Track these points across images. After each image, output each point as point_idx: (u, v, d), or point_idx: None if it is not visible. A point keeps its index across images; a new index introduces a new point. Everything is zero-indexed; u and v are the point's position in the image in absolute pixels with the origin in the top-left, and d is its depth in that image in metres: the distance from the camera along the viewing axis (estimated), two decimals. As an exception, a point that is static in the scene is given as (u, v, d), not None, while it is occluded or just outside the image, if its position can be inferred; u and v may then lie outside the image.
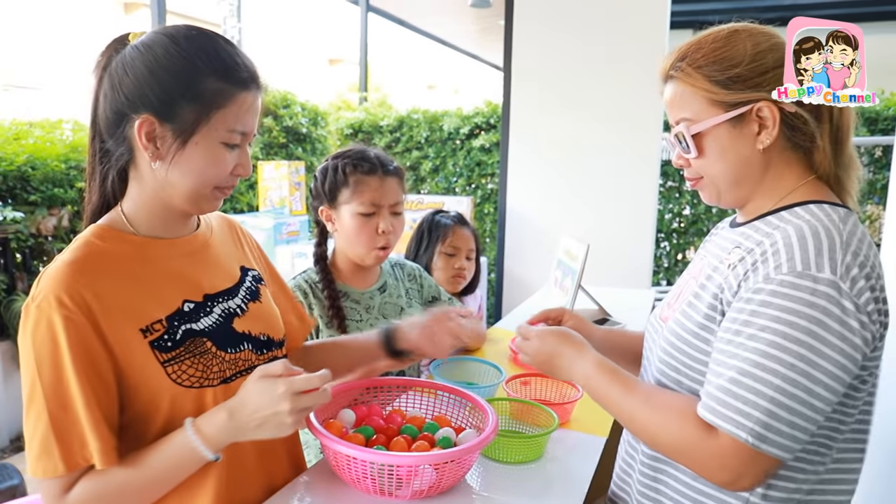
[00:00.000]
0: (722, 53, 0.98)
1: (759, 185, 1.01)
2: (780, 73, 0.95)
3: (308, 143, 5.63)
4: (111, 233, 1.00)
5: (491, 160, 5.13)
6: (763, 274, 0.90)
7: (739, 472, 0.88)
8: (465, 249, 2.29)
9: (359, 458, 1.04)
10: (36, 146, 3.80)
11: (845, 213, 0.95)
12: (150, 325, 0.96)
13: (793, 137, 0.99)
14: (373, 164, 1.58)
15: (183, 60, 0.94)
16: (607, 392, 1.03)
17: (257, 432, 0.94)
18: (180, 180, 0.97)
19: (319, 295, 1.62)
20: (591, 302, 2.40)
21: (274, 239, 3.97)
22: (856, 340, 0.86)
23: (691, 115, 1.01)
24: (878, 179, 4.30)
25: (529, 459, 1.27)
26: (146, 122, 0.94)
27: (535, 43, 3.94)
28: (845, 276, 0.86)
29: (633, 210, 3.79)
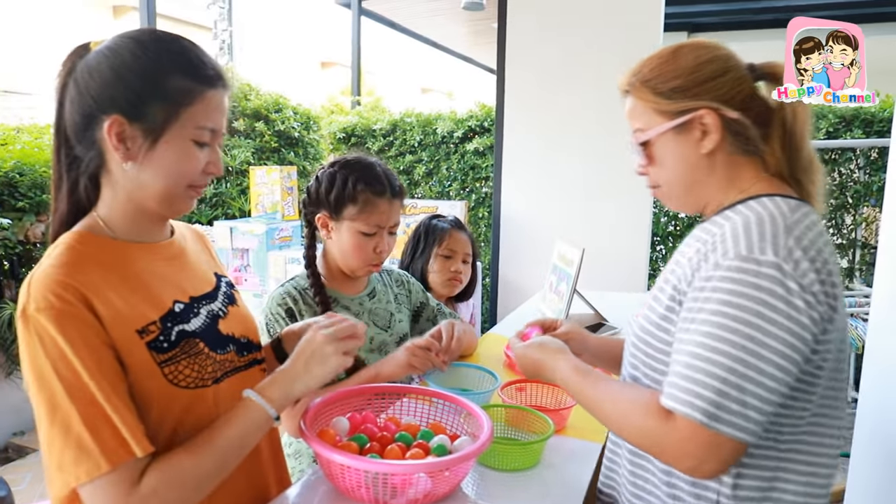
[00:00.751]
0: (665, 67, 1.07)
1: (710, 186, 1.08)
2: (720, 82, 1.04)
3: (300, 147, 5.60)
4: (91, 237, 0.99)
5: (485, 164, 5.11)
6: (713, 262, 0.96)
7: (701, 457, 0.90)
8: (461, 253, 2.28)
9: (353, 467, 1.03)
10: (24, 152, 3.76)
11: (796, 204, 1.00)
12: (145, 327, 0.96)
13: (738, 142, 1.05)
14: (383, 184, 1.56)
15: (149, 60, 0.95)
16: (582, 392, 1.09)
17: (307, 374, 1.03)
18: (153, 180, 0.98)
19: (310, 301, 1.59)
20: (586, 307, 2.38)
21: (266, 244, 3.94)
22: (802, 319, 0.90)
23: (642, 126, 1.09)
24: (874, 181, 4.30)
25: (526, 466, 1.25)
26: (116, 123, 0.94)
27: (528, 45, 3.93)
28: (788, 259, 0.91)
29: (628, 214, 3.78)
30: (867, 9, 5.72)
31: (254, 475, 1.13)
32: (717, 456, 0.90)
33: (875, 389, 1.98)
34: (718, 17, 7.18)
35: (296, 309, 1.56)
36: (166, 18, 11.79)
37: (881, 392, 1.94)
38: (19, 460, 3.51)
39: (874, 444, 1.94)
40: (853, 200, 4.42)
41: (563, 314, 2.21)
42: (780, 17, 6.65)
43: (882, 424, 1.91)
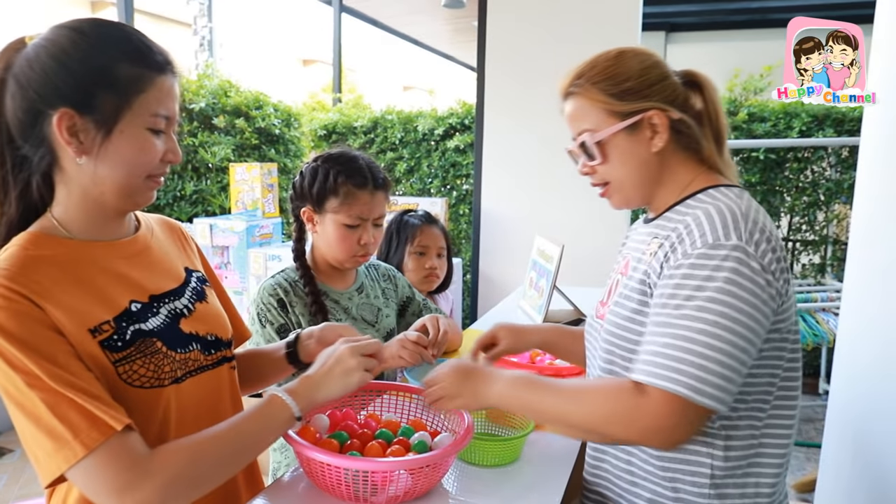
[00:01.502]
0: (614, 70, 1.13)
1: (659, 182, 1.15)
2: (665, 85, 1.12)
3: (281, 144, 5.57)
4: (43, 238, 0.95)
5: (466, 161, 5.13)
6: (682, 251, 1.02)
7: (672, 426, 0.96)
8: (435, 248, 2.28)
9: (332, 465, 1.03)
10: None
11: (739, 191, 1.09)
12: (98, 326, 0.93)
13: (680, 140, 1.13)
14: (364, 176, 1.58)
15: (93, 49, 0.91)
16: (529, 399, 1.07)
17: (331, 384, 1.05)
18: (110, 173, 0.94)
19: (300, 293, 1.61)
20: (565, 302, 2.41)
21: (246, 241, 3.93)
22: (764, 295, 0.97)
23: (592, 126, 1.14)
24: (845, 179, 4.38)
25: (506, 462, 1.27)
26: (65, 116, 0.90)
27: (508, 44, 3.95)
28: (749, 241, 0.98)
29: (607, 211, 3.79)
30: (840, 11, 5.83)
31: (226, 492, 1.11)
32: (689, 424, 0.96)
33: (846, 381, 2.03)
34: (695, 18, 7.25)
35: (287, 300, 1.58)
36: (144, 14, 11.65)
37: (851, 384, 1.98)
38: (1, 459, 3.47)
39: (845, 434, 1.99)
40: (825, 198, 4.50)
41: (543, 310, 2.24)
42: (755, 17, 6.74)
43: (852, 415, 1.96)
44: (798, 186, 4.53)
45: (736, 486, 1.07)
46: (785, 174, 4.52)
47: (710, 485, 1.06)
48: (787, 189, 4.56)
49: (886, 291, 1.78)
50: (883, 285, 1.80)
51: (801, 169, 4.49)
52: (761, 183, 4.50)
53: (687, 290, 0.99)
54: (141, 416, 0.95)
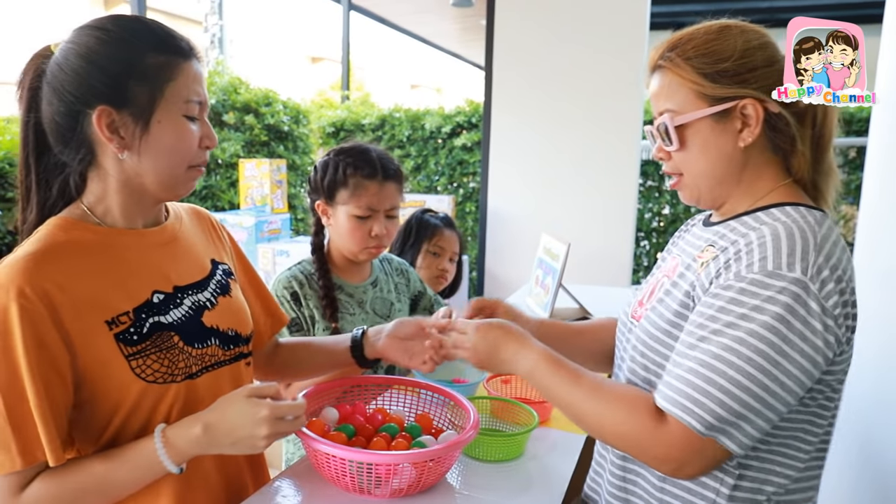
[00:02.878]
0: (712, 46, 0.98)
1: (738, 184, 1.01)
2: (768, 72, 0.96)
3: (290, 141, 5.60)
4: (74, 223, 0.96)
5: (473, 159, 5.14)
6: (735, 272, 0.91)
7: (684, 461, 0.89)
8: (449, 251, 2.31)
9: (337, 456, 1.04)
10: (14, 143, 3.75)
11: (821, 216, 0.95)
12: (115, 318, 0.94)
13: (774, 138, 0.99)
14: (373, 167, 1.58)
15: (119, 43, 0.92)
16: (553, 383, 1.02)
17: (230, 449, 0.96)
18: (153, 164, 0.96)
19: (315, 286, 1.62)
20: (571, 300, 2.42)
21: (255, 237, 3.95)
22: (818, 342, 0.86)
23: (676, 107, 1.00)
24: (852, 180, 4.37)
25: (510, 458, 1.28)
26: (104, 113, 0.91)
27: (515, 42, 3.96)
28: (815, 278, 0.86)
29: (613, 209, 3.83)
30: (848, 10, 5.81)
31: (230, 472, 1.12)
32: (702, 461, 0.89)
33: (850, 383, 2.03)
34: (704, 17, 7.24)
35: (301, 293, 1.59)
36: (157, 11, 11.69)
37: (855, 386, 1.99)
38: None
39: (848, 436, 1.99)
40: (833, 199, 4.48)
41: (549, 308, 2.25)
42: (763, 17, 6.71)
43: (856, 416, 1.96)
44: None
45: None
46: (792, 175, 4.51)
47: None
48: (794, 189, 4.55)
49: (892, 292, 1.78)
50: (889, 286, 1.80)
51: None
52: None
53: (730, 316, 0.88)
54: (144, 411, 0.96)
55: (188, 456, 0.95)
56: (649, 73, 1.06)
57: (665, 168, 1.07)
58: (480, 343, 1.11)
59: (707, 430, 0.87)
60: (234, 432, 0.94)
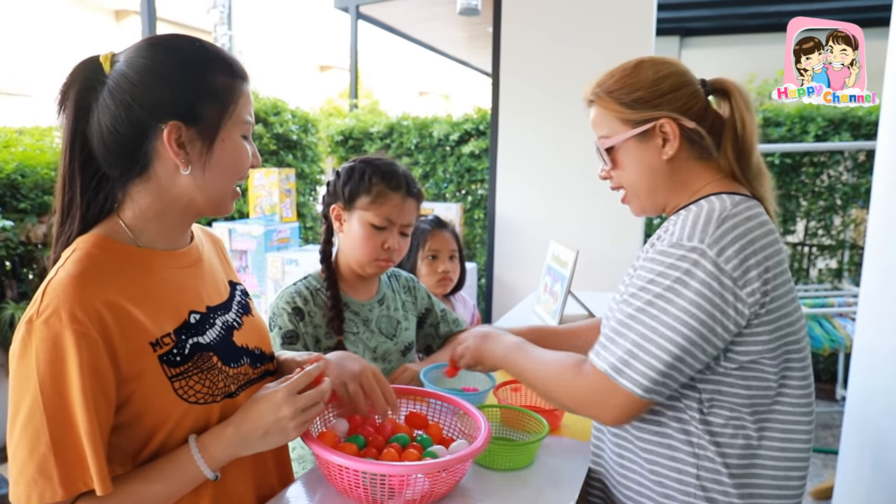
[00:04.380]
0: (628, 80, 1.17)
1: (671, 189, 1.18)
2: (677, 95, 1.14)
3: (299, 150, 5.63)
4: (111, 243, 0.96)
5: (481, 166, 5.15)
6: (651, 250, 1.09)
7: (601, 402, 1.06)
8: (446, 251, 2.30)
9: (350, 468, 1.04)
10: (26, 154, 3.79)
11: (741, 199, 1.09)
12: (159, 339, 0.94)
13: (694, 149, 1.16)
14: (399, 181, 1.57)
15: (191, 63, 0.96)
16: (516, 363, 1.24)
17: (263, 441, 0.98)
18: (213, 180, 0.98)
19: (321, 302, 1.59)
20: (580, 307, 2.42)
21: (264, 246, 3.97)
22: (718, 300, 1.00)
23: (607, 133, 1.20)
24: (861, 184, 4.35)
25: (521, 466, 1.28)
26: (174, 129, 0.93)
27: (522, 50, 3.98)
28: (713, 245, 1.01)
29: (621, 215, 3.80)
30: (856, 14, 5.79)
31: (258, 478, 1.12)
32: (617, 405, 1.05)
33: (862, 387, 2.02)
34: (710, 22, 7.23)
35: (305, 309, 1.56)
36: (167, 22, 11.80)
37: (868, 389, 1.98)
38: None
39: (862, 440, 1.98)
40: (842, 202, 4.46)
41: (558, 315, 2.25)
42: (770, 21, 6.71)
43: (869, 421, 1.95)
44: (814, 191, 4.51)
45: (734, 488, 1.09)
46: (801, 178, 4.50)
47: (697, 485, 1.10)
48: (802, 193, 4.53)
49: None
50: (899, 290, 1.79)
51: (817, 173, 4.47)
52: (777, 187, 4.47)
53: (641, 282, 1.06)
54: (184, 431, 0.97)
55: (223, 460, 0.97)
56: (586, 106, 1.26)
57: (611, 185, 1.26)
58: (472, 339, 1.36)
59: (613, 373, 1.04)
60: (260, 421, 0.97)
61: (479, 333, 1.36)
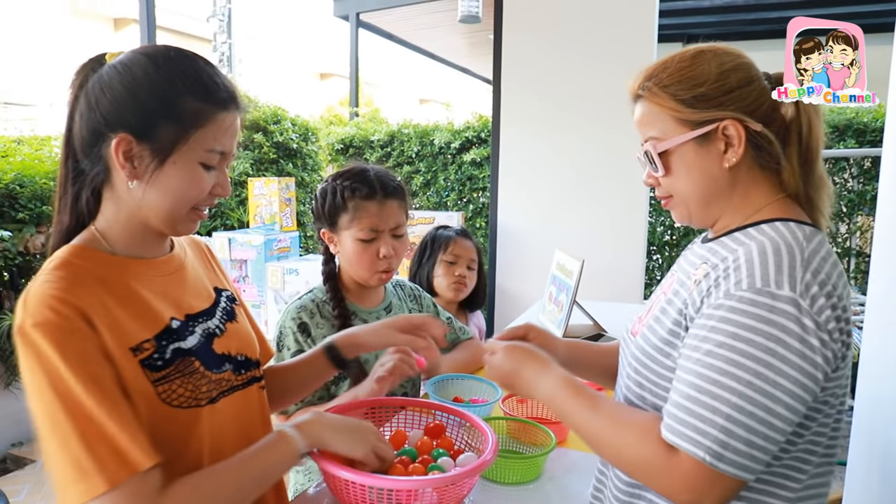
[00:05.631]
0: (687, 73, 1.00)
1: (728, 203, 1.02)
2: (745, 92, 0.98)
3: (299, 158, 5.62)
4: (88, 252, 0.97)
5: (482, 174, 5.14)
6: (724, 290, 0.90)
7: (701, 492, 0.87)
8: (465, 258, 2.34)
9: (357, 482, 1.02)
10: (24, 163, 3.78)
11: (811, 232, 0.95)
12: (139, 344, 0.94)
13: (759, 157, 1.00)
14: (371, 187, 1.54)
15: (162, 80, 0.94)
16: (571, 409, 1.02)
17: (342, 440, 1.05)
18: (157, 200, 0.96)
19: (327, 314, 1.58)
20: (585, 317, 2.39)
21: (264, 255, 3.96)
22: (816, 359, 0.85)
23: (658, 134, 1.02)
24: (867, 190, 4.34)
25: (528, 480, 1.26)
26: (123, 141, 0.92)
27: (523, 57, 3.97)
28: (805, 294, 0.86)
29: (623, 223, 3.81)
30: (860, 19, 5.80)
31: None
32: (718, 492, 0.88)
33: (871, 397, 1.99)
34: (713, 28, 7.24)
35: (311, 323, 1.56)
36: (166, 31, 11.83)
37: (877, 399, 1.95)
38: (18, 471, 3.50)
39: (871, 451, 1.96)
40: (847, 209, 4.45)
41: (563, 325, 2.23)
42: (774, 27, 6.71)
43: (878, 432, 1.93)
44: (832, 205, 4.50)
45: None
46: (805, 185, 4.49)
47: None
48: (807, 200, 4.52)
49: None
50: (908, 299, 1.77)
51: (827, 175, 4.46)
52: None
53: (721, 335, 0.87)
54: (180, 436, 0.96)
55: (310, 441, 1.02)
56: (631, 101, 1.09)
57: (657, 193, 1.09)
58: (505, 363, 1.12)
59: (714, 460, 0.85)
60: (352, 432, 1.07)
61: (516, 352, 1.13)
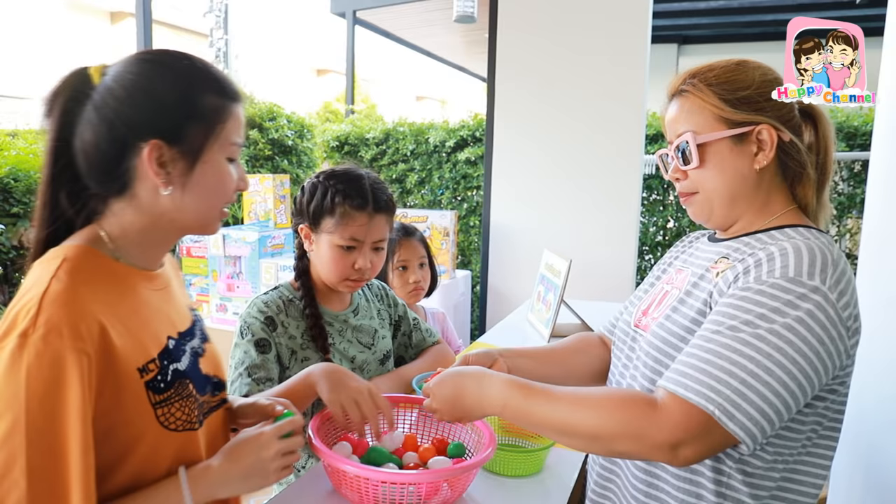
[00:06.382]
0: (734, 76, 1.07)
1: (750, 205, 1.08)
2: (782, 103, 1.04)
3: (294, 155, 5.63)
4: (97, 256, 0.93)
5: (477, 173, 5.15)
6: (755, 276, 0.96)
7: (685, 440, 0.90)
8: (416, 259, 2.26)
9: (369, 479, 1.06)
10: (19, 157, 3.78)
11: (829, 239, 1.03)
12: (145, 365, 0.91)
13: (785, 165, 1.07)
14: (364, 198, 1.49)
15: (180, 81, 0.93)
16: (530, 408, 1.00)
17: (243, 483, 0.98)
18: (194, 201, 0.95)
19: (295, 313, 1.54)
20: (573, 316, 2.41)
21: (258, 252, 3.96)
22: (832, 348, 0.91)
23: (697, 128, 1.07)
24: (857, 194, 4.37)
25: (529, 473, 1.29)
26: (155, 148, 0.90)
27: (518, 57, 3.98)
28: (833, 289, 0.92)
29: (615, 223, 3.82)
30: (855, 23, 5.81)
31: None
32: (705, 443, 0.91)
33: (856, 398, 2.01)
34: (707, 30, 7.27)
35: (278, 319, 1.51)
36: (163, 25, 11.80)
37: (861, 404, 1.97)
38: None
39: (856, 451, 1.98)
40: (837, 212, 4.48)
41: (551, 324, 2.24)
42: (767, 30, 6.74)
43: (862, 435, 1.95)
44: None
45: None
46: (797, 188, 4.51)
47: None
48: (798, 203, 4.55)
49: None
50: (893, 300, 1.79)
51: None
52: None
53: (749, 315, 0.92)
54: (178, 457, 0.94)
55: (205, 497, 0.94)
56: (668, 99, 1.14)
57: (680, 188, 1.13)
58: (443, 392, 1.09)
59: (724, 417, 0.88)
60: (243, 461, 0.97)
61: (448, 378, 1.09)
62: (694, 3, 6.22)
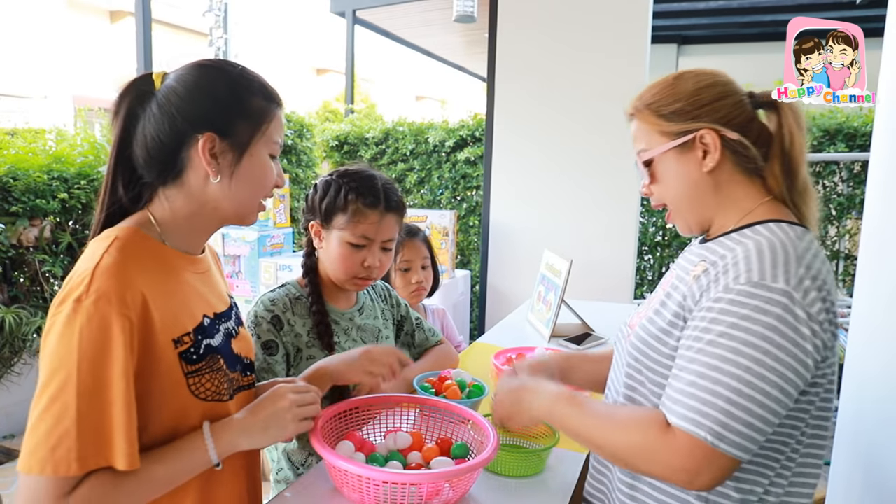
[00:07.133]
0: (667, 92, 1.13)
1: (716, 206, 1.13)
2: (719, 105, 1.09)
3: (294, 155, 5.62)
4: (145, 238, 1.03)
5: (476, 173, 5.15)
6: (723, 285, 0.99)
7: (697, 471, 0.94)
8: (419, 260, 2.27)
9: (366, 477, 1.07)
10: (18, 156, 3.77)
11: (802, 231, 1.05)
12: (180, 337, 1.01)
13: (740, 162, 1.10)
14: (377, 196, 1.52)
15: (235, 84, 1.06)
16: (568, 418, 1.10)
17: (264, 435, 1.06)
18: (240, 190, 1.07)
19: (301, 311, 1.56)
20: (573, 316, 2.41)
21: (258, 251, 3.97)
22: (807, 346, 0.94)
23: (645, 146, 1.16)
24: (857, 194, 4.37)
25: (531, 473, 1.29)
26: (209, 139, 1.02)
27: (518, 57, 3.98)
28: (798, 287, 0.95)
29: (615, 223, 3.83)
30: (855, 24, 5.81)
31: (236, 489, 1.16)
32: (713, 470, 0.94)
33: (855, 397, 2.02)
34: (707, 31, 7.27)
35: (284, 318, 1.53)
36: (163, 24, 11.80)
37: (861, 401, 1.97)
38: (8, 464, 3.51)
39: (854, 451, 1.98)
40: (837, 212, 4.48)
41: (551, 325, 2.24)
42: (767, 31, 6.74)
43: (862, 432, 1.95)
44: (819, 212, 4.52)
45: None
46: (796, 188, 4.51)
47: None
48: (797, 203, 4.55)
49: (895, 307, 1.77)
50: (892, 301, 1.79)
51: (812, 183, 4.48)
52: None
53: (722, 326, 0.96)
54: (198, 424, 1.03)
55: (227, 449, 1.03)
56: (628, 121, 1.22)
57: (653, 203, 1.20)
58: (505, 400, 1.23)
59: (715, 440, 0.93)
60: (262, 412, 1.07)
61: (511, 388, 1.23)
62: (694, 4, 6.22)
